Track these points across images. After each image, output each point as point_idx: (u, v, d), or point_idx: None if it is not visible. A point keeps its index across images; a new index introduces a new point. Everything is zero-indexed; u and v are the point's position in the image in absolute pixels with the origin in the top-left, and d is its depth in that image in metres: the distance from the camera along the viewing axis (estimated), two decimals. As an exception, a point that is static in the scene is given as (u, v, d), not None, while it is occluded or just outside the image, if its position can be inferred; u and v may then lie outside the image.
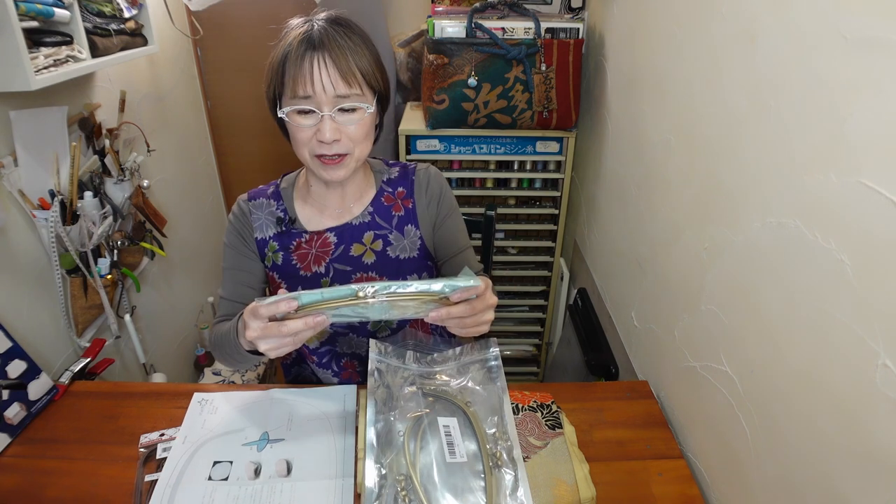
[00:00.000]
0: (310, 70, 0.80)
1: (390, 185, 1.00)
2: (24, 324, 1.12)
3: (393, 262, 0.98)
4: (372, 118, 0.87)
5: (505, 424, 0.83)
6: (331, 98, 0.81)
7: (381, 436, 0.81)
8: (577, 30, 1.55)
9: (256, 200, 0.99)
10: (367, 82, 0.84)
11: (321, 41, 0.81)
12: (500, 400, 0.86)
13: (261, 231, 0.98)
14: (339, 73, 0.80)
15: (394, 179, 1.01)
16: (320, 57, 0.80)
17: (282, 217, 0.98)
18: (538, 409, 0.93)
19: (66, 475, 0.87)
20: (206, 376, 1.98)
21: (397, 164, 1.04)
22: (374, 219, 0.98)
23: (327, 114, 0.82)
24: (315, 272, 0.97)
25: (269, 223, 0.98)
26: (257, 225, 0.98)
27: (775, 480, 0.71)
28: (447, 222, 1.02)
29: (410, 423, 0.83)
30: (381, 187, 1.00)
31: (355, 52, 0.82)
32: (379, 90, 0.87)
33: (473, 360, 0.91)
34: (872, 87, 0.56)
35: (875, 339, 0.55)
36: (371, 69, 0.84)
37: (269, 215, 0.98)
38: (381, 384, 0.87)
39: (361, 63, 0.82)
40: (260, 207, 0.99)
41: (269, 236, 0.98)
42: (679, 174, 1.01)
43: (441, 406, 0.86)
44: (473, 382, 0.89)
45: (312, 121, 0.83)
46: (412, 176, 1.01)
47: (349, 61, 0.81)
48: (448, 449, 0.80)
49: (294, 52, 0.81)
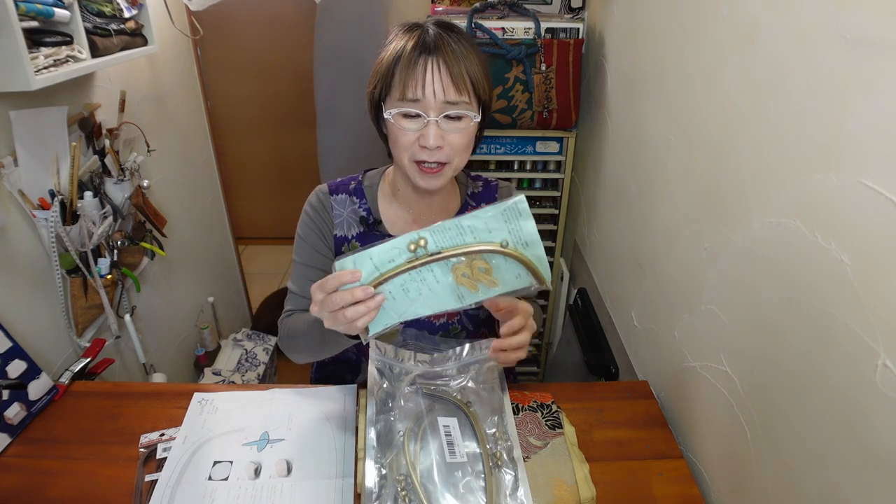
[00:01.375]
0: (423, 73, 0.79)
1: (474, 198, 1.00)
2: (24, 324, 1.12)
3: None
4: (475, 128, 0.86)
5: (505, 425, 0.83)
6: (439, 103, 0.80)
7: (381, 436, 0.81)
8: (577, 30, 1.55)
9: (339, 195, 0.97)
10: (475, 90, 0.82)
11: (436, 45, 0.79)
12: (500, 400, 0.86)
13: (341, 228, 0.96)
14: (451, 79, 0.79)
15: (478, 194, 1.01)
16: (434, 61, 0.79)
17: (365, 217, 0.96)
18: (538, 409, 0.93)
19: (66, 475, 0.87)
20: (206, 376, 1.98)
21: (480, 178, 1.03)
22: None
23: (433, 119, 0.80)
24: None
25: (352, 221, 0.96)
26: (338, 222, 0.96)
27: (775, 480, 0.71)
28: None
29: (410, 423, 0.82)
30: (465, 200, 0.99)
31: (468, 58, 0.81)
32: (485, 100, 0.86)
33: (473, 359, 0.90)
34: (872, 87, 0.56)
35: (875, 339, 0.55)
36: (480, 77, 0.83)
37: (353, 213, 0.96)
38: (380, 384, 0.87)
39: (472, 70, 0.81)
40: (342, 204, 0.96)
41: (353, 235, 0.96)
42: (679, 174, 1.01)
43: (441, 406, 0.86)
44: (473, 382, 0.89)
45: (417, 125, 0.81)
46: (495, 193, 1.01)
47: (461, 67, 0.80)
48: (448, 449, 0.80)
49: (407, 54, 0.79)
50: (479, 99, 0.84)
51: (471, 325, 1.02)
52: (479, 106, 0.85)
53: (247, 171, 3.25)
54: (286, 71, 2.87)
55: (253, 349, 2.16)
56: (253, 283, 2.71)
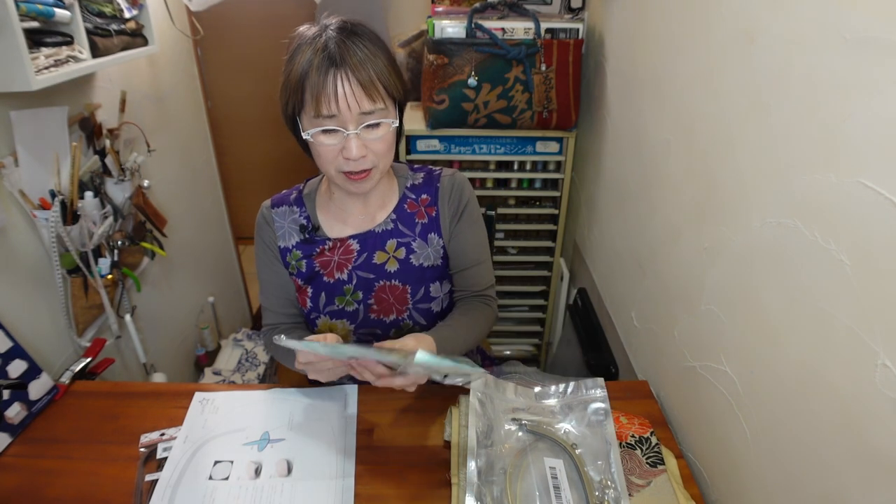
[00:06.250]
0: (333, 89, 0.78)
1: (414, 191, 0.99)
2: (24, 324, 1.12)
3: (416, 271, 0.97)
4: (395, 130, 0.86)
5: (612, 472, 0.79)
6: (355, 115, 0.80)
7: (481, 471, 0.77)
8: (577, 30, 1.55)
9: (279, 208, 0.99)
10: (388, 94, 0.82)
11: (342, 57, 0.78)
12: (606, 444, 0.82)
13: (283, 240, 0.97)
14: (363, 89, 0.79)
15: (418, 185, 0.99)
16: (343, 74, 0.78)
17: (305, 224, 0.97)
18: (637, 446, 0.88)
19: (66, 475, 0.87)
20: (207, 376, 1.98)
21: (423, 169, 1.02)
22: (396, 226, 0.96)
23: (352, 132, 0.80)
24: (338, 279, 0.97)
25: (292, 231, 0.97)
26: (280, 233, 0.97)
27: (775, 480, 0.71)
28: (463, 233, 0.99)
29: (513, 460, 0.79)
30: (404, 193, 0.98)
31: (375, 62, 0.80)
32: (399, 98, 0.86)
33: (578, 399, 0.87)
34: (872, 87, 0.56)
35: (875, 339, 0.55)
36: (390, 77, 0.82)
37: (293, 223, 0.97)
38: (481, 415, 0.84)
39: (382, 73, 0.81)
40: (283, 215, 0.98)
41: (292, 245, 0.97)
42: (679, 174, 1.01)
43: (545, 445, 0.82)
44: (578, 423, 0.85)
45: (337, 139, 0.82)
46: (437, 183, 0.99)
47: (370, 74, 0.79)
48: (555, 493, 0.76)
49: (315, 69, 0.78)
50: (394, 99, 0.84)
51: (423, 319, 1.01)
52: (395, 105, 0.85)
53: (247, 171, 3.24)
54: (286, 71, 2.90)
55: (253, 349, 2.17)
56: (253, 283, 2.71)
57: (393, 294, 0.98)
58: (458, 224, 0.99)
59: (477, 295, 1.03)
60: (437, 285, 1.00)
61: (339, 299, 0.98)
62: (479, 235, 1.02)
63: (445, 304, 1.03)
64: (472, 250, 1.01)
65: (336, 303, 0.98)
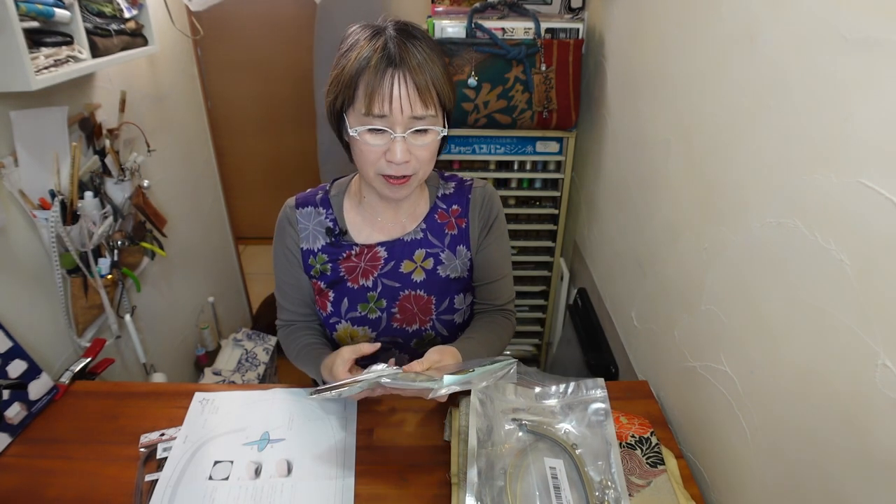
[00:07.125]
0: (389, 89, 0.76)
1: (445, 201, 0.97)
2: (24, 324, 1.12)
3: (442, 282, 0.96)
4: (439, 140, 0.85)
5: (612, 473, 0.79)
6: (406, 119, 0.78)
7: (480, 471, 0.77)
8: (577, 30, 1.55)
9: (304, 209, 0.96)
10: (441, 102, 0.81)
11: (401, 58, 0.76)
12: (606, 444, 0.82)
13: (307, 242, 0.95)
14: (418, 93, 0.77)
15: (449, 196, 0.97)
16: (400, 75, 0.76)
17: (331, 227, 0.95)
18: (637, 446, 0.88)
19: (66, 475, 0.87)
20: (207, 376, 1.98)
21: (454, 179, 1.00)
22: (426, 236, 0.95)
23: (400, 135, 0.78)
24: (362, 285, 0.95)
25: (317, 234, 0.95)
26: (304, 235, 0.95)
27: (775, 480, 0.71)
28: (491, 246, 0.98)
29: (513, 460, 0.79)
30: (435, 203, 0.97)
31: (432, 68, 0.78)
32: (449, 109, 0.84)
33: (578, 399, 0.87)
34: (872, 87, 0.56)
35: (875, 339, 0.55)
36: (444, 86, 0.81)
37: (318, 225, 0.95)
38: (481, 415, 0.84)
39: (437, 80, 0.79)
40: (308, 216, 0.96)
41: (318, 248, 0.95)
42: (679, 174, 1.01)
43: (545, 445, 0.83)
44: (578, 423, 0.85)
45: (383, 140, 0.79)
46: (468, 194, 0.98)
47: (427, 79, 0.77)
48: (555, 493, 0.76)
49: (372, 67, 0.76)
50: (444, 109, 0.83)
51: (445, 330, 1.00)
52: (444, 115, 0.84)
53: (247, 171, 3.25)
54: (286, 71, 2.87)
55: (253, 349, 2.17)
56: (253, 283, 2.72)
57: (417, 304, 0.96)
58: (487, 237, 0.98)
59: (499, 309, 1.02)
60: (461, 297, 0.99)
61: (361, 306, 0.96)
62: (505, 249, 1.02)
63: (467, 315, 1.03)
64: (497, 264, 1.00)
65: (359, 309, 0.96)
